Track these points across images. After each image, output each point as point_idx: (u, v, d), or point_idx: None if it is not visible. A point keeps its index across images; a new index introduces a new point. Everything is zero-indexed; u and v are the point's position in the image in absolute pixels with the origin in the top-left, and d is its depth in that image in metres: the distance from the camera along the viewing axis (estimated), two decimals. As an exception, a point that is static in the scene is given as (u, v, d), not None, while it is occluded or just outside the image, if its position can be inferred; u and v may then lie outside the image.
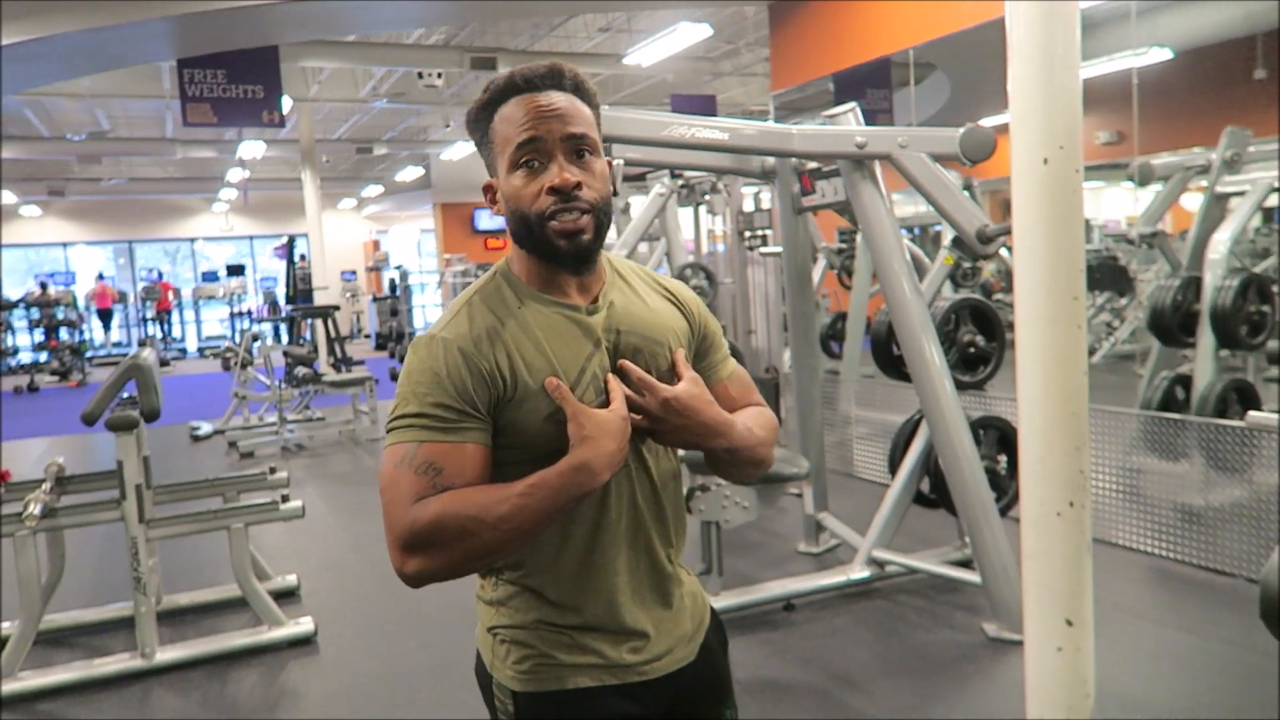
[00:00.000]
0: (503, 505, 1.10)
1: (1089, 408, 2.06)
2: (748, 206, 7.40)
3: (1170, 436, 4.15)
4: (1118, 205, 9.56)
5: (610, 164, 1.25)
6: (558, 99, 1.18)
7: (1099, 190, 9.49)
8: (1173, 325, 4.72)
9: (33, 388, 13.83)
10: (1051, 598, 2.11)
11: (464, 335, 1.18)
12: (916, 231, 9.42)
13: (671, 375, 1.25)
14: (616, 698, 1.24)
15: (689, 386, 1.22)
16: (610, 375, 1.20)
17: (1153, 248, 5.40)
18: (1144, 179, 5.27)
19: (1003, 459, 3.79)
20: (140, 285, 19.62)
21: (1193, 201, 5.49)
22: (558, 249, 1.18)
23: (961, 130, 3.36)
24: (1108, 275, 7.27)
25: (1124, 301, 7.56)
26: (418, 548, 1.10)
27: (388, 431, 1.18)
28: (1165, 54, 5.94)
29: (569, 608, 1.23)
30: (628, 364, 1.22)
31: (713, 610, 1.42)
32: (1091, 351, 7.26)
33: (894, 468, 3.99)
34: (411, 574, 1.11)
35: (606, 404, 1.19)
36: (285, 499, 3.67)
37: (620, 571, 1.25)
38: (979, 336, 3.83)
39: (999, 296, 7.93)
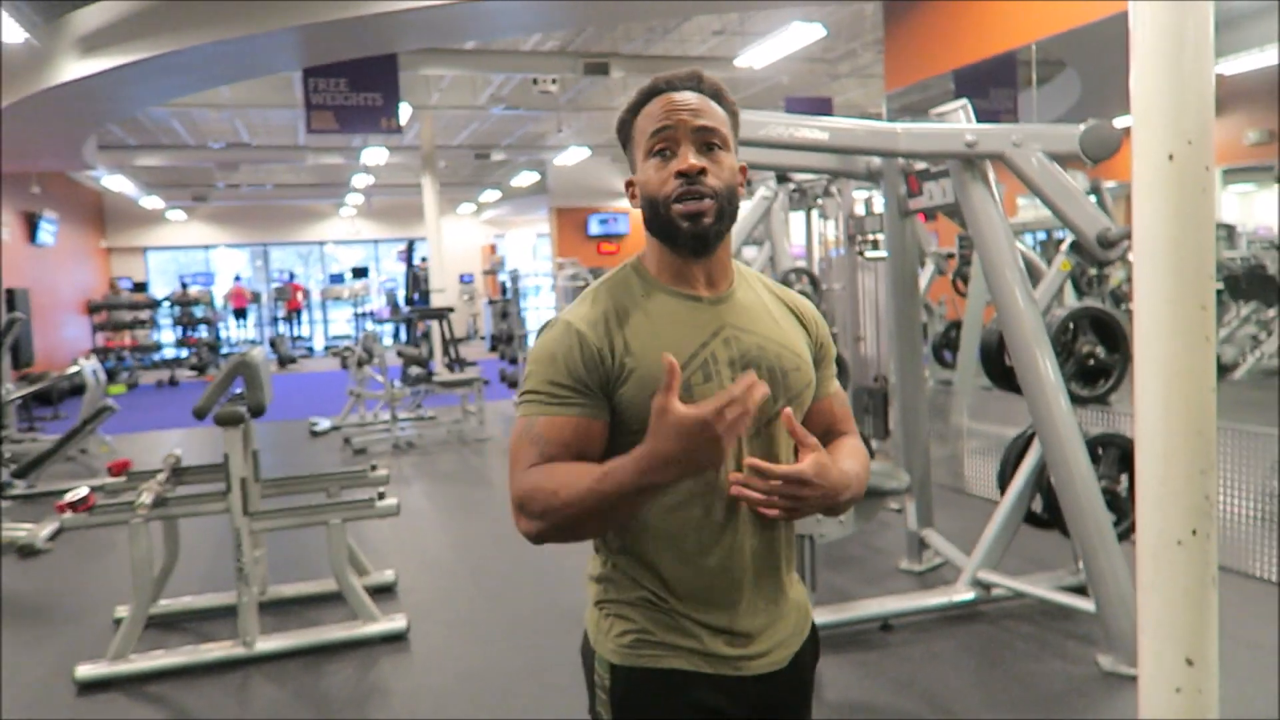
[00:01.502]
0: (578, 487, 1.16)
1: (1224, 427, 1.87)
2: (859, 210, 7.19)
3: (1319, 460, 3.79)
4: (1271, 210, 8.89)
5: (743, 168, 1.32)
6: (691, 97, 1.28)
7: (1250, 194, 8.85)
8: (1324, 339, 4.32)
9: (173, 381, 14.68)
10: (1170, 634, 1.92)
11: (583, 318, 1.27)
12: (1043, 236, 8.99)
13: (786, 375, 1.30)
14: (707, 686, 1.28)
15: (814, 459, 1.20)
16: (733, 388, 1.09)
17: (1302, 254, 4.97)
18: (1293, 180, 4.86)
19: (1124, 480, 3.53)
20: (272, 286, 20.60)
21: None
22: (679, 229, 1.25)
23: (1082, 127, 3.15)
24: (1255, 284, 6.75)
25: (1271, 313, 7.02)
26: (521, 511, 1.21)
27: (517, 404, 1.30)
28: (1322, 45, 5.46)
29: (674, 590, 1.28)
30: (755, 462, 1.18)
31: (813, 624, 1.44)
32: (1235, 366, 6.76)
33: (1003, 485, 3.77)
34: (522, 533, 1.23)
35: (711, 387, 1.24)
36: (381, 496, 3.73)
37: (733, 569, 1.28)
38: (1099, 347, 3.58)
39: (1131, 306, 7.46)
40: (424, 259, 15.49)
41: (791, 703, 1.37)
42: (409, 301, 15.09)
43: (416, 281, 15.27)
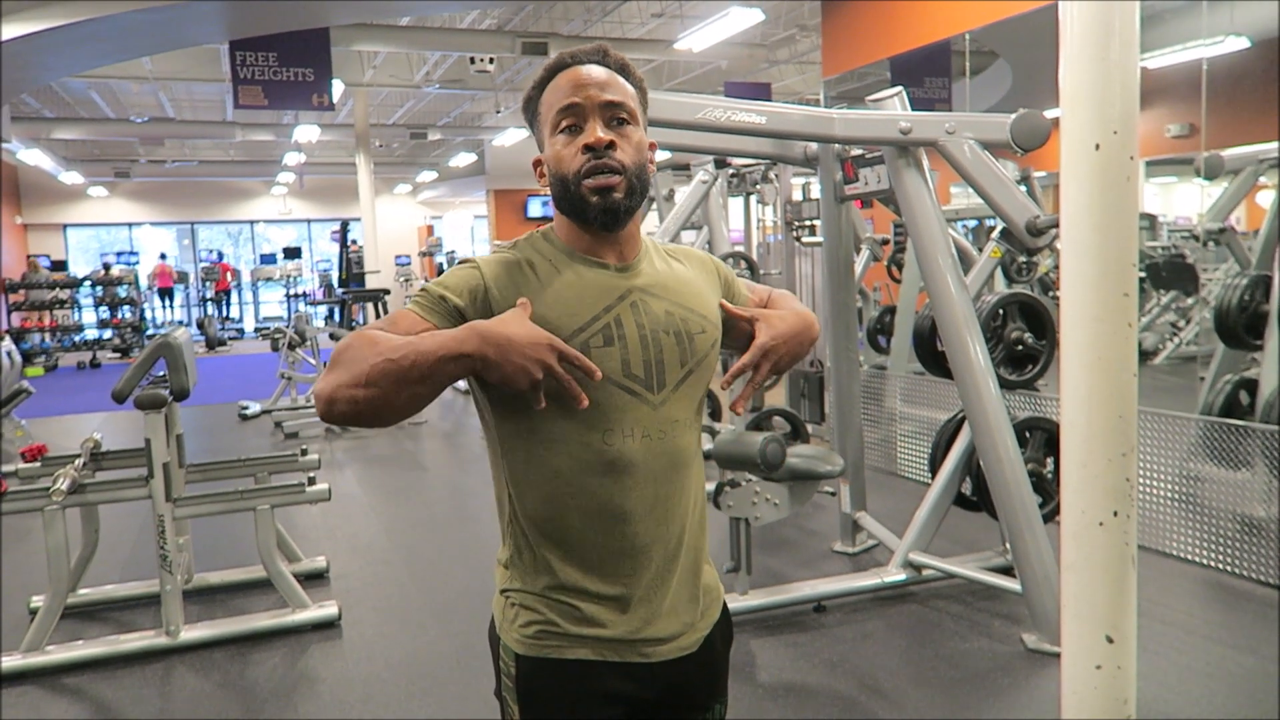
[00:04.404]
0: (394, 340, 1.11)
1: (1144, 411, 1.91)
2: (797, 196, 7.24)
3: (1232, 443, 3.94)
4: (1191, 202, 9.18)
5: (653, 145, 1.31)
6: (598, 71, 1.25)
7: (1171, 186, 9.12)
8: (1239, 326, 4.48)
9: (94, 364, 14.20)
10: (1091, 612, 1.98)
11: (490, 261, 1.27)
12: (974, 224, 9.15)
13: (692, 340, 1.30)
14: (614, 675, 1.27)
15: (759, 326, 1.36)
16: (590, 364, 1.17)
17: (1220, 244, 5.14)
18: (1211, 172, 5.02)
19: (1049, 462, 3.62)
20: (200, 266, 20.01)
21: (1268, 199, 5.22)
22: (589, 205, 1.23)
23: (1013, 116, 3.20)
24: (1174, 273, 6.97)
25: (1190, 301, 7.26)
26: (329, 367, 1.13)
27: None
28: (1242, 43, 5.64)
29: (581, 579, 1.25)
30: (726, 305, 1.37)
31: (724, 607, 1.43)
32: (1155, 353, 6.98)
33: (934, 468, 3.84)
34: (316, 393, 1.13)
35: (611, 351, 1.23)
36: (312, 481, 3.65)
37: (637, 553, 1.26)
38: (1028, 333, 3.66)
39: (1058, 293, 7.62)
40: (354, 240, 15.22)
41: (703, 686, 1.36)
42: (343, 283, 14.82)
43: (351, 263, 14.99)
